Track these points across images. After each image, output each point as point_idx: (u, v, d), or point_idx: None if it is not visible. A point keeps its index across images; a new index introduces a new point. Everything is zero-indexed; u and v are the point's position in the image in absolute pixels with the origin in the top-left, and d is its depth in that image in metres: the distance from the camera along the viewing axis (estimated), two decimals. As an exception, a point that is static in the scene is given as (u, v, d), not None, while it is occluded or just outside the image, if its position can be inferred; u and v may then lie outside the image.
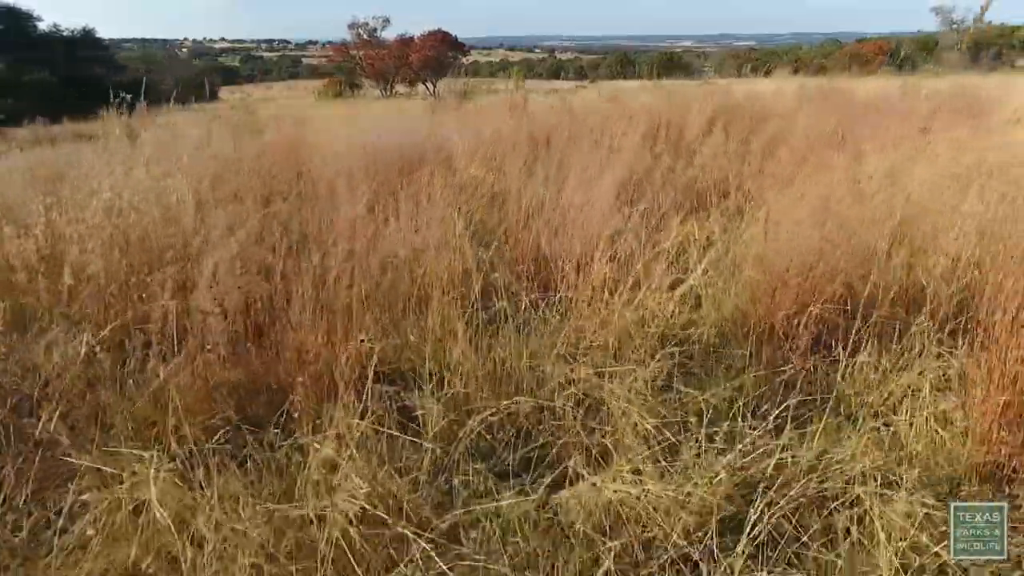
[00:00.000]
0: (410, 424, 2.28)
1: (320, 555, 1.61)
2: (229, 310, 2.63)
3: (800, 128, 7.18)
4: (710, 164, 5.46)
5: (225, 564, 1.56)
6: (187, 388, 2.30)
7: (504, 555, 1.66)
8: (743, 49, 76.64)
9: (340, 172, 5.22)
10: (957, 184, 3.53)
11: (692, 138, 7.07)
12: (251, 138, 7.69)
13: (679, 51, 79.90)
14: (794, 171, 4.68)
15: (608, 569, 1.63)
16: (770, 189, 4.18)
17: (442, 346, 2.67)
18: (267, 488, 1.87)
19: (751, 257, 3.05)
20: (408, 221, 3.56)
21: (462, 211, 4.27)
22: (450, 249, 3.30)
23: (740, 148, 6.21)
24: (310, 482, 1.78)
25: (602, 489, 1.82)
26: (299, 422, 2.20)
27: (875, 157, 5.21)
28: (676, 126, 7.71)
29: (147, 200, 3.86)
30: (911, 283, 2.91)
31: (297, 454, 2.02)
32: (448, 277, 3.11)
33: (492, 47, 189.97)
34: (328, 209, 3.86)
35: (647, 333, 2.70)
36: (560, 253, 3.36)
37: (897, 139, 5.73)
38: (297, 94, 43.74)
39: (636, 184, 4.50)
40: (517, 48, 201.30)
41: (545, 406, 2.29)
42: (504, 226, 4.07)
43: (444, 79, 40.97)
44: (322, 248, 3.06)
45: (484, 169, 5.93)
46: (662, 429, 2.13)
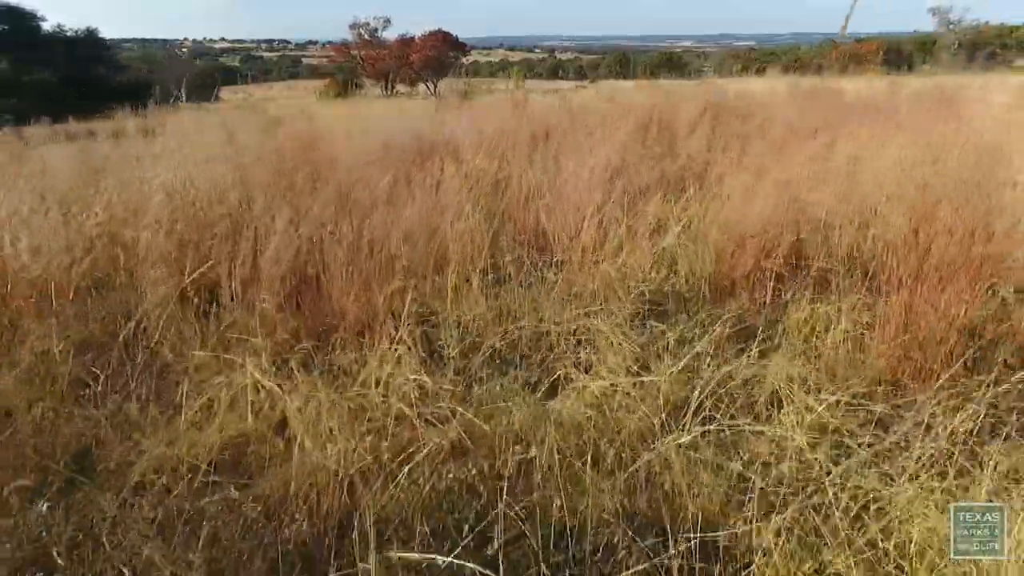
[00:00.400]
0: (435, 352, 2.89)
1: (381, 424, 2.21)
2: (286, 266, 3.23)
3: (783, 123, 7.80)
4: (694, 153, 6.07)
5: (315, 426, 2.16)
6: (253, 327, 2.89)
7: (512, 428, 2.26)
8: (743, 49, 77.40)
9: (359, 161, 5.83)
10: (898, 168, 4.13)
11: (681, 131, 7.68)
12: (267, 133, 8.29)
13: (679, 51, 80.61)
14: (768, 158, 5.28)
15: (589, 437, 2.23)
16: (745, 172, 4.78)
17: (459, 295, 3.28)
18: (337, 381, 2.48)
19: (717, 225, 3.66)
20: (425, 200, 4.16)
21: (470, 193, 4.87)
22: (462, 222, 3.90)
23: (724, 140, 6.81)
24: (371, 376, 2.38)
25: (587, 385, 2.43)
26: (347, 346, 2.81)
27: (843, 146, 5.82)
28: (667, 121, 8.33)
29: (194, 183, 4.47)
30: (845, 245, 3.53)
31: (353, 364, 2.62)
32: (462, 244, 3.71)
33: (492, 47, 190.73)
34: (356, 190, 4.47)
35: (628, 286, 3.30)
36: (556, 226, 3.97)
37: (862, 130, 6.32)
38: (298, 94, 44.42)
39: (624, 169, 5.10)
40: (517, 48, 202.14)
41: (542, 334, 2.89)
42: (507, 205, 4.67)
43: (445, 79, 41.64)
44: (355, 220, 3.66)
45: (488, 160, 6.53)
46: (636, 351, 2.74)
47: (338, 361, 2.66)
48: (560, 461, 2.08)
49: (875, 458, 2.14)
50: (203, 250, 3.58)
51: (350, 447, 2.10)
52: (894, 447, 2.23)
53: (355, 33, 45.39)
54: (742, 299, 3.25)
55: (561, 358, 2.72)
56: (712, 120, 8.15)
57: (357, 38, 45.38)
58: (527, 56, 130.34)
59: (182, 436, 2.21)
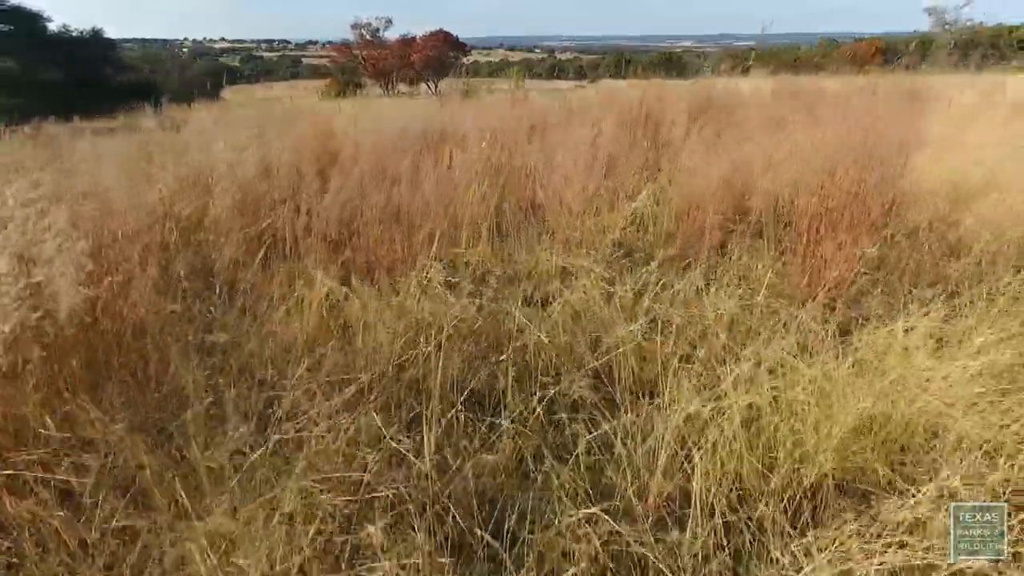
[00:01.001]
0: (451, 283, 3.80)
1: (418, 319, 3.12)
2: (333, 224, 4.15)
3: (757, 116, 8.72)
4: (674, 140, 6.98)
5: (375, 326, 3.06)
6: (311, 266, 3.80)
7: (513, 324, 3.17)
8: (742, 49, 78.41)
9: (379, 148, 6.74)
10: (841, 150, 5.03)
11: (665, 123, 8.60)
12: (289, 125, 9.20)
13: (679, 51, 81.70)
14: (734, 144, 6.19)
15: (569, 328, 3.14)
16: (712, 154, 5.68)
17: (470, 245, 4.18)
18: (383, 297, 3.39)
19: (681, 194, 4.58)
20: (440, 177, 5.06)
21: (477, 175, 5.77)
22: (471, 193, 4.80)
23: (701, 130, 7.73)
24: (410, 289, 3.29)
25: (567, 299, 3.33)
26: (386, 277, 3.72)
27: (802, 135, 6.73)
28: (655, 115, 9.26)
29: (243, 163, 5.38)
30: (776, 206, 4.45)
31: (394, 286, 3.54)
32: (472, 209, 4.62)
33: (492, 47, 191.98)
34: (380, 169, 5.38)
35: (605, 237, 4.21)
36: (549, 196, 4.88)
37: (827, 122, 7.23)
38: (299, 93, 45.48)
39: (611, 154, 6.02)
40: (517, 48, 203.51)
41: (536, 268, 3.80)
42: (508, 181, 5.58)
43: (446, 79, 42.65)
44: (384, 191, 4.57)
45: (492, 148, 7.45)
46: (605, 277, 3.65)
47: (381, 285, 3.57)
48: (547, 342, 2.99)
49: (761, 323, 3.05)
50: (263, 213, 4.48)
51: (398, 335, 3.01)
52: (779, 325, 3.14)
53: (356, 33, 46.45)
54: (696, 246, 4.17)
55: (551, 281, 3.63)
56: (696, 113, 9.08)
57: (359, 38, 46.43)
58: (527, 56, 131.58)
59: (276, 327, 3.12)
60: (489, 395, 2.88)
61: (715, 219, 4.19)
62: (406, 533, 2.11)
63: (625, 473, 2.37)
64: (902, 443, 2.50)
